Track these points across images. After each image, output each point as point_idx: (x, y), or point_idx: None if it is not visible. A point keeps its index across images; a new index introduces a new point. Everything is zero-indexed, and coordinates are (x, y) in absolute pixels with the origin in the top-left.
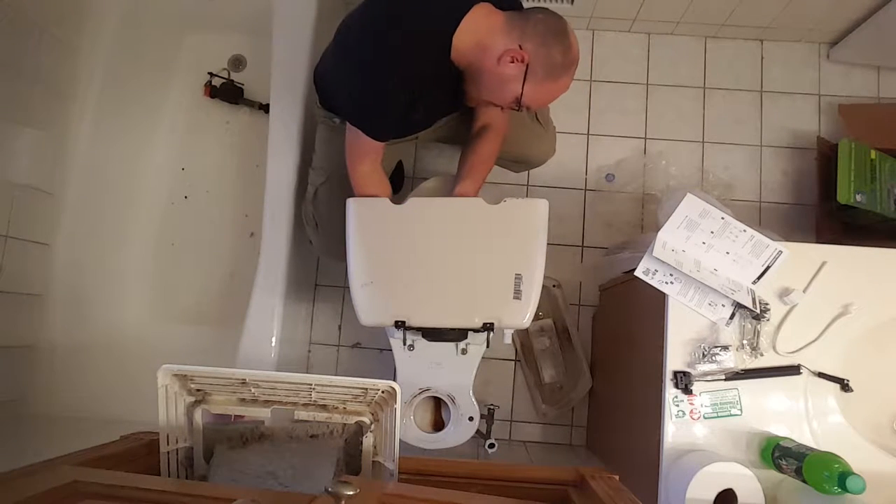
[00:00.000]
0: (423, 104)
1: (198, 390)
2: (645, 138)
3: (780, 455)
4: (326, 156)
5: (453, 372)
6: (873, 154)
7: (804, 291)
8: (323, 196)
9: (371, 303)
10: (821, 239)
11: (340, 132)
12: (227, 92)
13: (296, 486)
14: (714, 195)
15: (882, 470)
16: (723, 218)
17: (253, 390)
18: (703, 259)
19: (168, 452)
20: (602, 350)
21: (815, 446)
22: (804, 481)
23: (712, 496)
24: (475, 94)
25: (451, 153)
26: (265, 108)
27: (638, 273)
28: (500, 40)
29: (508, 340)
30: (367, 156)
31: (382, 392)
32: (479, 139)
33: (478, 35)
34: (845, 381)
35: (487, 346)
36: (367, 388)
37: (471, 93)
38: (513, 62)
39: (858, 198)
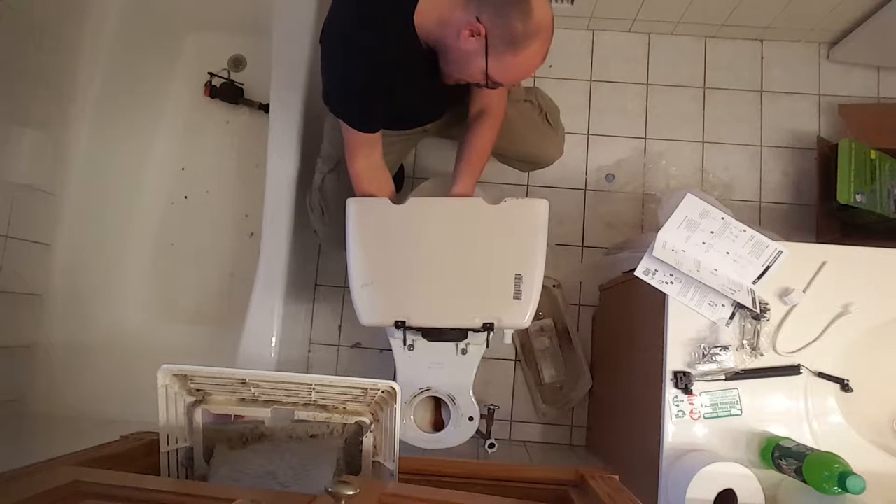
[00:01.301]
0: (405, 90)
1: (198, 390)
2: (645, 138)
3: (780, 455)
4: (333, 143)
5: (453, 372)
6: (873, 154)
7: (804, 291)
8: (330, 184)
9: (371, 303)
10: (821, 239)
11: None
12: (227, 92)
13: (296, 486)
14: (714, 195)
15: (882, 470)
16: (723, 218)
17: (253, 390)
18: (703, 259)
19: (168, 452)
20: (602, 350)
21: (815, 446)
22: (804, 481)
23: (712, 496)
24: (447, 72)
25: (451, 153)
26: (265, 108)
27: (638, 273)
28: (458, 14)
29: (508, 340)
30: (361, 149)
31: (382, 392)
32: (475, 129)
33: (438, 10)
34: (845, 381)
35: (487, 346)
36: (367, 388)
37: (444, 70)
38: (472, 36)
39: (858, 198)
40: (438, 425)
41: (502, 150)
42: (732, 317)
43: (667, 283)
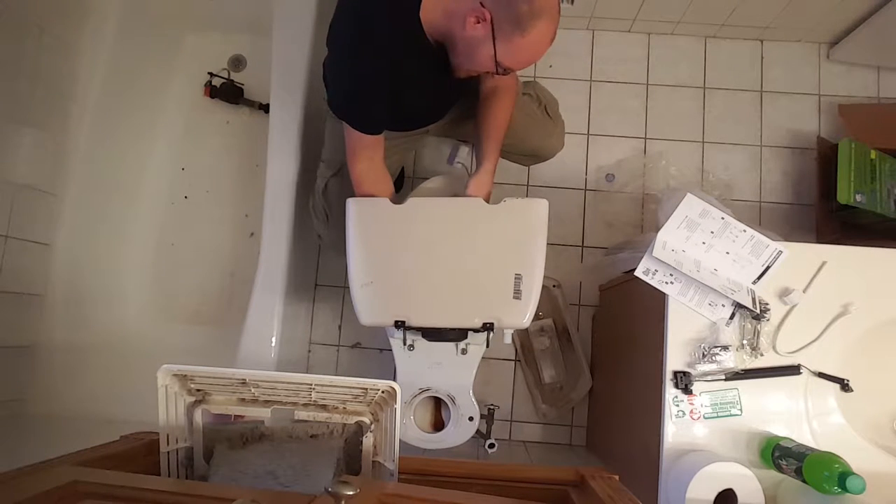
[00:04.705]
0: (412, 90)
1: (198, 390)
2: (645, 138)
3: (780, 455)
4: (336, 148)
5: (453, 372)
6: (873, 154)
7: (804, 291)
8: (334, 188)
9: (371, 303)
10: (821, 239)
11: None
12: (227, 92)
13: (296, 486)
14: (714, 195)
15: (882, 470)
16: (723, 218)
17: (253, 390)
18: (703, 259)
19: (168, 452)
20: (602, 350)
21: (815, 446)
22: (804, 481)
23: (712, 496)
24: (457, 64)
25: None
26: (265, 108)
27: (638, 273)
28: (462, 3)
29: (508, 340)
30: (363, 151)
31: (382, 392)
32: (493, 103)
33: (443, 2)
34: (845, 381)
35: (487, 346)
36: (367, 388)
37: (454, 63)
38: (478, 22)
39: (858, 198)
40: (438, 425)
41: (504, 144)
42: (732, 317)
43: (667, 283)
